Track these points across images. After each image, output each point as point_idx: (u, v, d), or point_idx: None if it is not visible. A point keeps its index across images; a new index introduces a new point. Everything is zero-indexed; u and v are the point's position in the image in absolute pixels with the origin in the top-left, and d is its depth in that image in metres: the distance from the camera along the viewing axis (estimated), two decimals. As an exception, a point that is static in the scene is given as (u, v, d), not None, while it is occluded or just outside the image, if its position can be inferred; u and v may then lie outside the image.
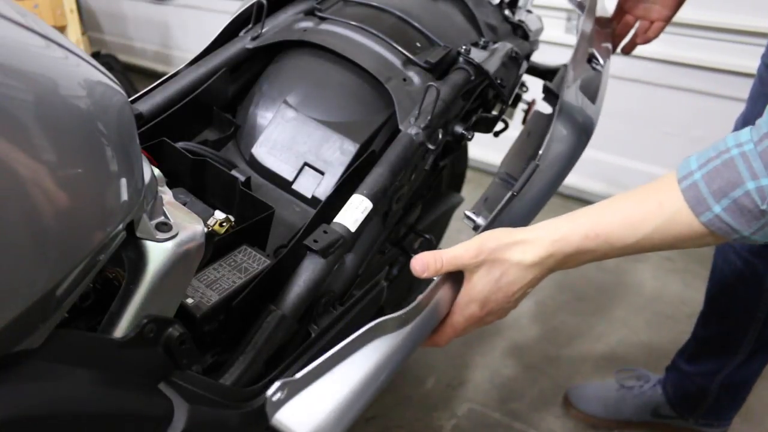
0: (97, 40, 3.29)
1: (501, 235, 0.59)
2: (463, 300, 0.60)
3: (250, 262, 0.65)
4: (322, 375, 0.47)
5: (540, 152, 0.81)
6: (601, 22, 0.99)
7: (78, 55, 0.42)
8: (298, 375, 0.44)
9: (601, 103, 0.97)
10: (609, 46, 1.01)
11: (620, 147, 2.10)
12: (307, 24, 0.88)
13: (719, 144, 0.53)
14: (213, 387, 0.55)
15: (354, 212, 0.66)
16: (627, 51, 1.03)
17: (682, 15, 0.96)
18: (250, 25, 0.89)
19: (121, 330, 0.46)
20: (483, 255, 0.58)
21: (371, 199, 0.67)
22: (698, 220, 0.53)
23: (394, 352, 0.52)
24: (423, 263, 0.59)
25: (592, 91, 0.94)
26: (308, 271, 0.62)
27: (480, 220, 0.75)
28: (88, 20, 3.12)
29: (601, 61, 0.95)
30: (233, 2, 1.20)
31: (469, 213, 0.76)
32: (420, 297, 0.57)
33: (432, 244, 1.03)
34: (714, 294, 1.18)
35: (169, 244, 0.45)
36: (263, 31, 0.87)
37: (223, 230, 0.65)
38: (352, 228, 0.65)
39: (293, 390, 0.44)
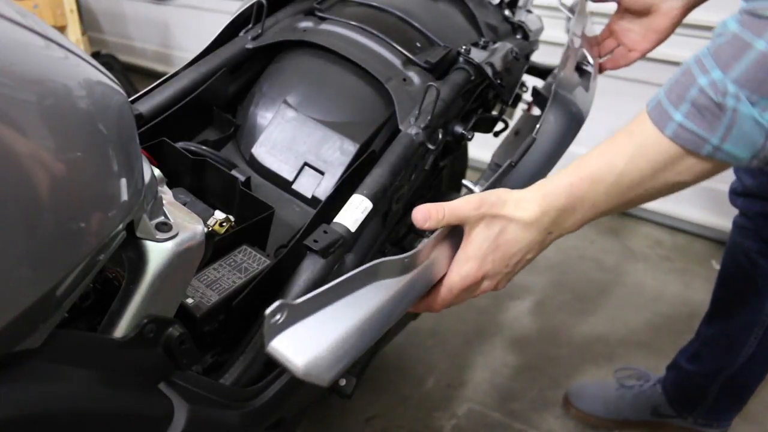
0: (97, 40, 3.29)
1: (501, 192, 0.60)
2: (461, 256, 0.60)
3: (250, 262, 0.65)
4: (321, 307, 0.45)
5: (537, 126, 0.82)
6: (587, 39, 1.01)
7: (78, 55, 0.42)
8: (298, 300, 0.43)
9: (593, 92, 0.99)
10: (598, 59, 1.03)
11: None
12: (307, 24, 0.88)
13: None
14: (213, 387, 0.55)
15: (354, 212, 0.65)
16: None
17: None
18: (250, 25, 0.89)
19: (121, 330, 0.46)
20: (484, 207, 0.58)
21: (371, 199, 0.67)
22: (664, 135, 0.52)
23: (393, 299, 0.51)
24: (425, 213, 0.58)
25: (585, 81, 0.97)
26: (308, 271, 0.62)
27: (477, 189, 0.75)
28: (88, 20, 3.11)
29: (591, 61, 0.97)
30: (233, 2, 1.20)
31: (466, 182, 0.78)
32: (421, 244, 0.56)
33: None
34: (720, 294, 1.18)
35: (169, 244, 0.46)
36: (263, 31, 0.87)
37: (223, 230, 0.65)
38: (352, 228, 0.65)
39: (292, 316, 0.43)
